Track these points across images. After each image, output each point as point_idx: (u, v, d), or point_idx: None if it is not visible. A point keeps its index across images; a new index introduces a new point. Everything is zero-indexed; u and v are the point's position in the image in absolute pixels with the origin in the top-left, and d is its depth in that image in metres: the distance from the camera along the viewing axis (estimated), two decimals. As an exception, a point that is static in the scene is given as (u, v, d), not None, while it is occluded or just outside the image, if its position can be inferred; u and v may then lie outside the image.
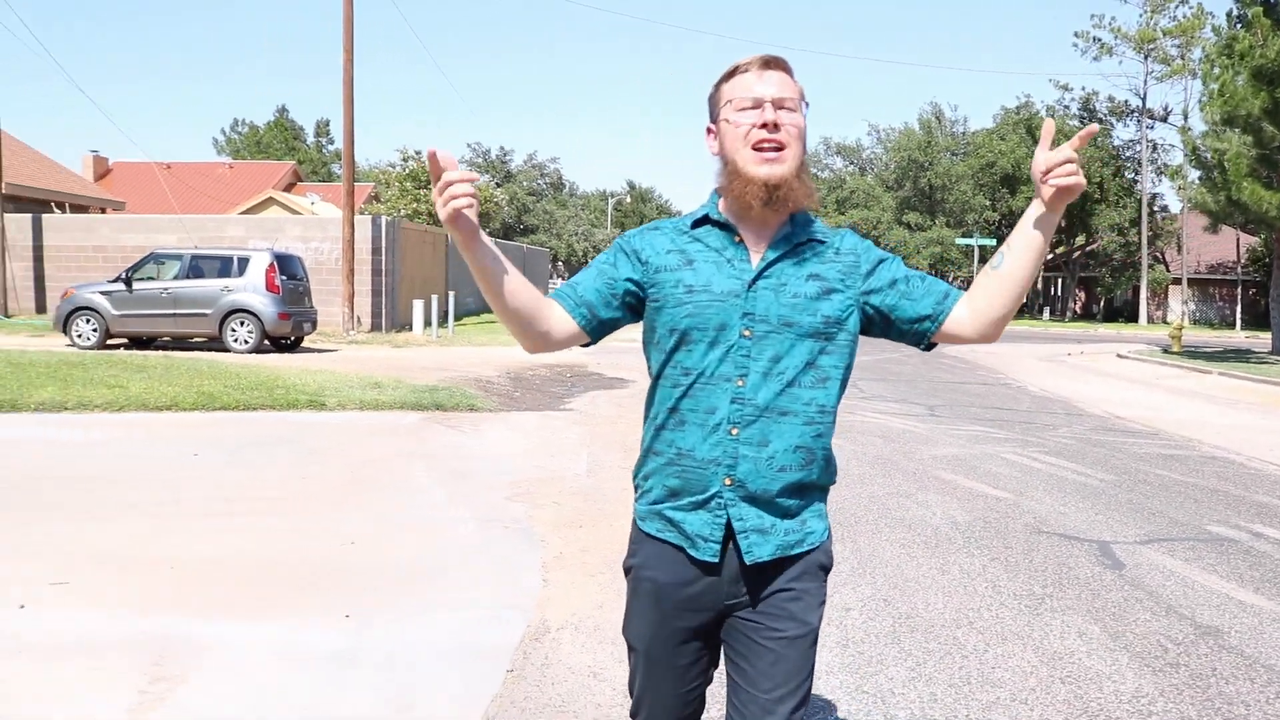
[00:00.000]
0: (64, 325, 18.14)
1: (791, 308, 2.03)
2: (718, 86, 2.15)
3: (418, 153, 34.74)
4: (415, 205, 33.15)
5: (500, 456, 8.59)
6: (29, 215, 24.89)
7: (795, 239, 2.10)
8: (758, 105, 2.04)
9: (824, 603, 2.12)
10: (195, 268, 18.34)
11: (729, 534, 2.04)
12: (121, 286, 18.16)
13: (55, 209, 26.62)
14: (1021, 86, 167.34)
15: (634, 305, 2.16)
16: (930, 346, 2.16)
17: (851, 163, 51.59)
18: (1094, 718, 3.63)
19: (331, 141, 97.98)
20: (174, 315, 18.10)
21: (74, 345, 17.85)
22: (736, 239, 2.10)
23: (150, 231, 24.48)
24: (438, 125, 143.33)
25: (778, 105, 2.04)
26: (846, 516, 6.59)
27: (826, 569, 2.14)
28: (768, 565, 2.05)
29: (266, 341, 18.26)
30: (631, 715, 2.24)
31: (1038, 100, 52.07)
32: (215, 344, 18.49)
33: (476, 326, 27.90)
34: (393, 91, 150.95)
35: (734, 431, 2.01)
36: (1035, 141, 44.18)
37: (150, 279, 18.27)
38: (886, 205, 45.96)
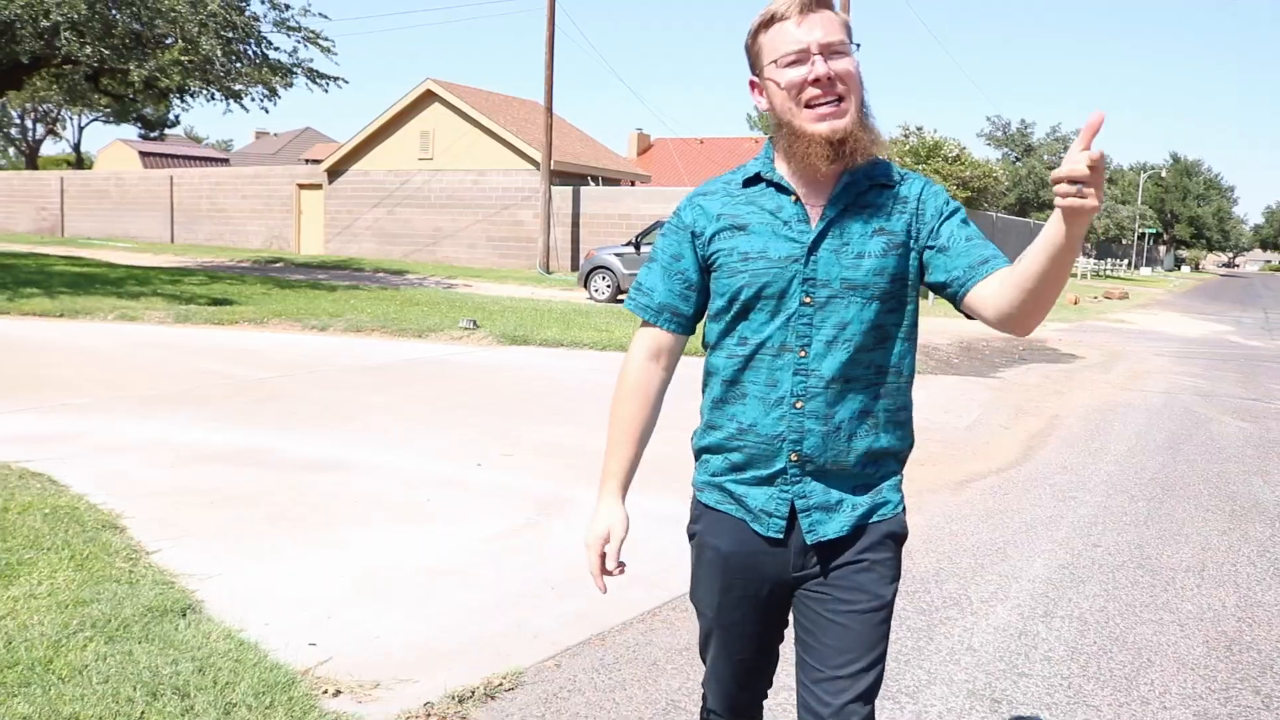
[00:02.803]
0: (584, 281, 21.45)
1: (855, 268, 1.92)
2: (754, 36, 1.97)
3: (919, 128, 35.45)
4: (911, 179, 33.95)
5: (894, 409, 9.61)
6: (570, 188, 29.17)
7: (857, 188, 1.96)
8: (803, 59, 1.87)
9: (898, 577, 2.04)
10: (690, 234, 20.77)
11: (795, 509, 1.99)
12: (631, 249, 21.07)
13: (591, 182, 30.84)
14: None
15: (708, 281, 2.10)
16: (960, 311, 1.98)
17: None
18: (1232, 645, 4.17)
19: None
20: (670, 276, 20.68)
21: (591, 299, 21.07)
22: (794, 198, 1.97)
23: (666, 201, 27.67)
24: (951, 100, 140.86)
25: (826, 52, 1.87)
26: (1172, 483, 6.95)
27: (899, 539, 2.05)
28: (836, 539, 2.00)
29: (746, 302, 20.27)
30: (704, 683, 2.28)
31: None
32: (703, 303, 20.90)
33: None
34: (910, 69, 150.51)
35: (798, 405, 1.94)
36: None
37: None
38: None
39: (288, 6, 20.30)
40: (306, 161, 51.75)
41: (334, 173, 33.37)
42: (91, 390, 8.38)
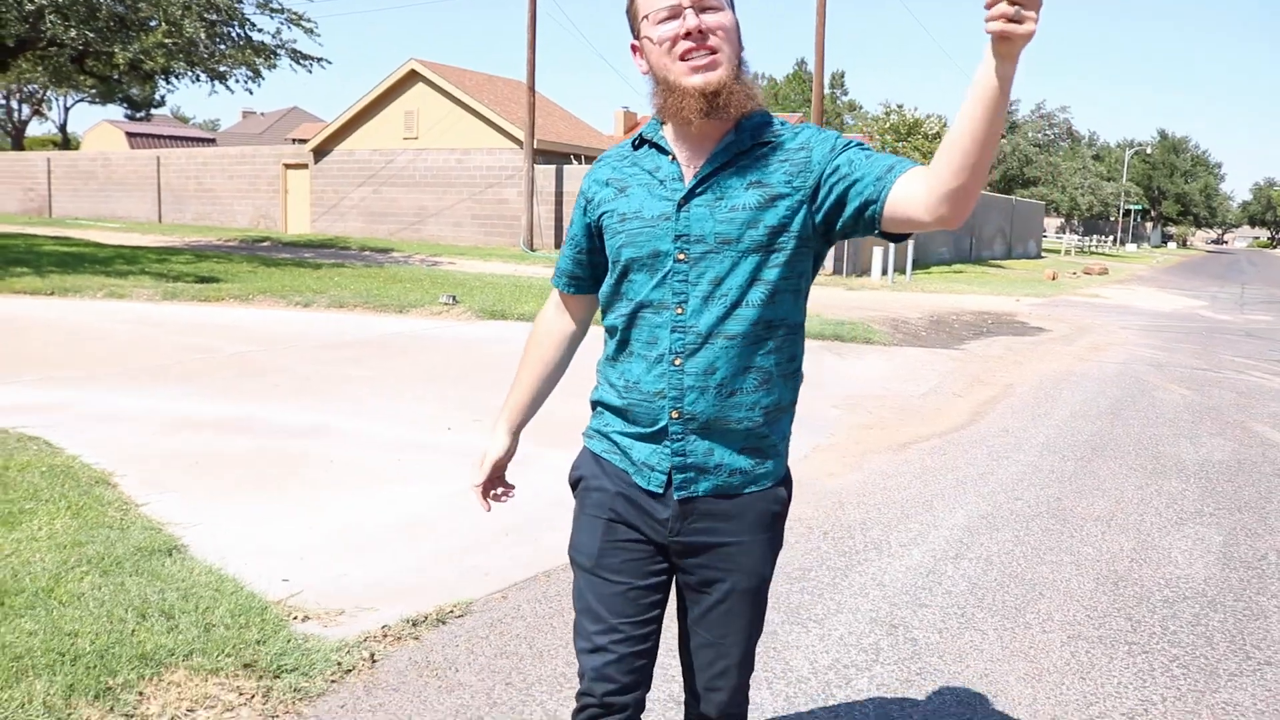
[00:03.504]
0: (566, 258, 21.82)
1: (729, 222, 1.92)
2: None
3: (899, 106, 35.81)
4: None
5: (858, 378, 10.04)
6: (553, 166, 29.50)
7: (739, 146, 1.96)
8: (676, 13, 1.88)
9: (777, 551, 2.10)
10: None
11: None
12: (612, 227, 21.44)
13: (575, 160, 31.15)
14: None
15: (603, 248, 2.13)
16: (895, 238, 1.93)
17: None
18: (1119, 581, 4.62)
19: (846, 92, 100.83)
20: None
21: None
22: (671, 158, 1.99)
23: (648, 180, 28.00)
24: (926, 78, 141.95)
25: (699, 7, 1.88)
26: (1104, 445, 7.40)
27: (779, 517, 2.09)
28: (708, 504, 2.02)
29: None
30: (580, 676, 2.13)
31: None
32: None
33: (941, 275, 28.69)
34: (894, 47, 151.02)
35: (677, 362, 1.96)
36: None
37: (634, 221, 21.41)
38: None
39: (271, -11, 20.60)
40: (294, 141, 51.91)
41: (320, 152, 33.63)
42: (83, 364, 8.76)
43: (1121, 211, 77.93)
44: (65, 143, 65.72)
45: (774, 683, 3.46)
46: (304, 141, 37.51)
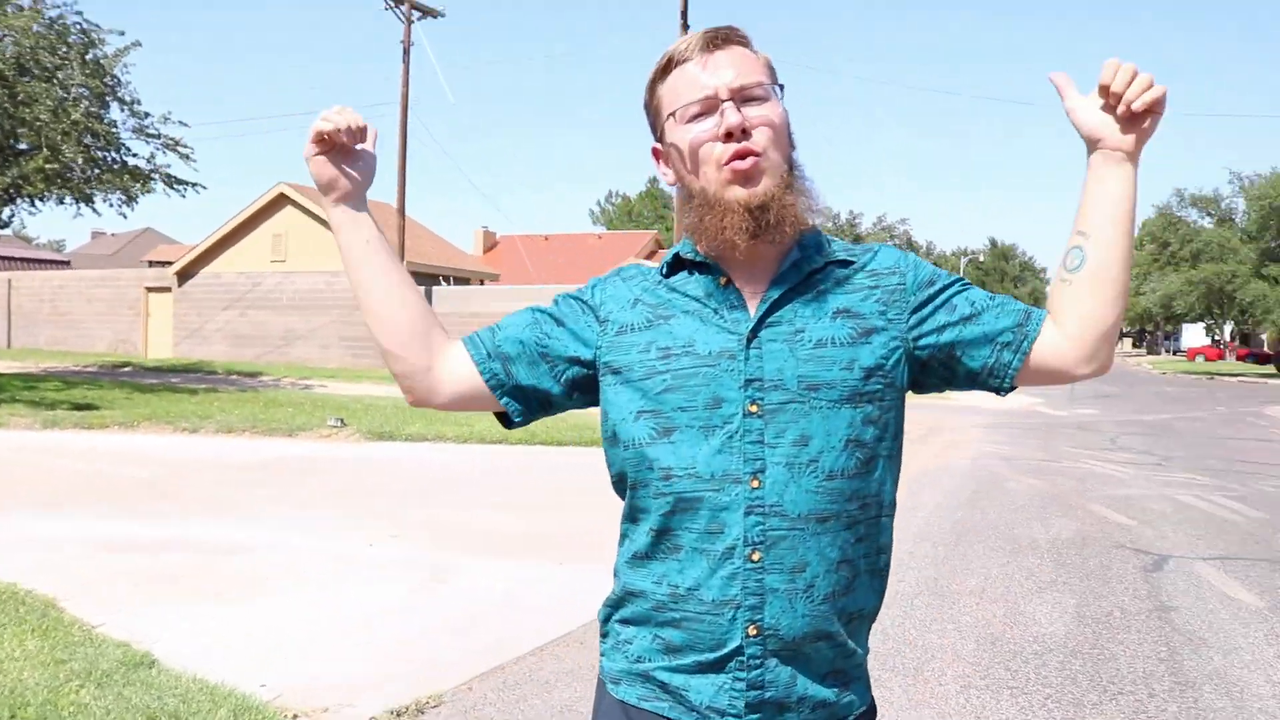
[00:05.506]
0: (442, 376, 22.23)
1: (817, 361, 1.47)
2: (651, 89, 1.58)
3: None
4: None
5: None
6: (423, 288, 30.01)
7: (808, 265, 1.54)
8: (711, 108, 1.49)
9: None
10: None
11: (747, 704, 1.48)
12: (486, 344, 21.99)
13: (443, 282, 31.77)
14: None
15: (580, 380, 1.60)
16: (1009, 389, 1.57)
17: (1209, 214, 49.17)
18: (995, 641, 5.35)
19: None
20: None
21: (449, 392, 21.83)
22: (722, 280, 1.54)
23: (517, 300, 28.76)
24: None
25: (740, 97, 1.49)
26: (969, 530, 8.24)
27: None
28: None
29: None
30: None
31: None
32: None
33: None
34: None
35: (755, 557, 1.44)
36: None
37: (508, 338, 22.02)
38: (1245, 258, 43.61)
39: (147, 114, 20.80)
40: (150, 264, 51.06)
41: (184, 275, 33.41)
42: (-15, 495, 8.81)
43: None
44: (-103, 270, 63.00)
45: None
46: (165, 264, 37.20)
